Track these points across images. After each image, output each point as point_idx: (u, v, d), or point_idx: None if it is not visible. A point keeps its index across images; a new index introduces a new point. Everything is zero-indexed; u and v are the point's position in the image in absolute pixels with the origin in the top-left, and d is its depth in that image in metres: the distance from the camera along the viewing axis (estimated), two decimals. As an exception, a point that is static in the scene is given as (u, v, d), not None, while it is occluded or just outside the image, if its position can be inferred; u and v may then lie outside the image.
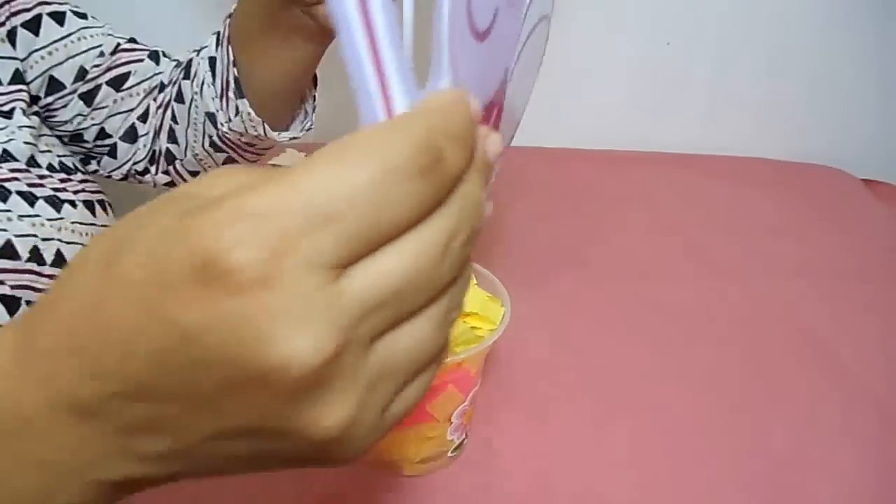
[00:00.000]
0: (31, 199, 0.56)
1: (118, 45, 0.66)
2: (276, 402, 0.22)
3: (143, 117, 0.68)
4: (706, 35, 1.00)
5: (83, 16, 0.64)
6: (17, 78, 0.60)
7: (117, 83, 0.66)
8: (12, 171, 0.56)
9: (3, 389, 0.25)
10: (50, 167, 0.60)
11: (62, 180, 0.60)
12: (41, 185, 0.58)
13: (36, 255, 0.54)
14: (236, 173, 0.24)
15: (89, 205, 0.61)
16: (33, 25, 0.61)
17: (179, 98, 0.65)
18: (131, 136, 0.68)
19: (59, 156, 0.62)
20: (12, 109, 0.59)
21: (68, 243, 0.58)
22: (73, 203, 0.59)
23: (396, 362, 0.24)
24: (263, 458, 0.25)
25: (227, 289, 0.21)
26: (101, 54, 0.65)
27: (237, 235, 0.21)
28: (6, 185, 0.55)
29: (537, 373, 0.66)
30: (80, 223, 0.60)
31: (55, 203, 0.58)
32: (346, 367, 0.22)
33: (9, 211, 0.54)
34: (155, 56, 0.69)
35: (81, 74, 0.64)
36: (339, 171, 0.22)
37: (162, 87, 0.68)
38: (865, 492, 0.56)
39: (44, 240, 0.55)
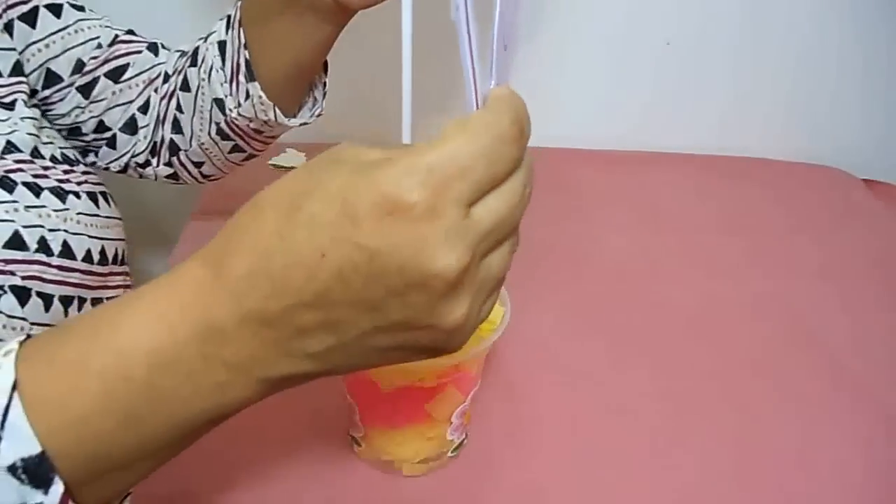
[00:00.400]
0: (36, 189, 0.56)
1: (116, 36, 0.66)
2: (429, 300, 0.31)
3: (144, 108, 0.67)
4: (706, 35, 1.00)
5: (80, 8, 0.64)
6: (17, 69, 0.60)
7: (115, 75, 0.65)
8: (17, 161, 0.56)
9: (201, 307, 0.32)
10: (53, 158, 0.60)
11: (65, 171, 0.60)
12: (45, 177, 0.57)
13: (43, 246, 0.54)
14: (364, 149, 0.33)
15: (93, 196, 0.61)
16: (30, 18, 0.60)
17: (185, 86, 0.64)
18: (131, 127, 0.67)
19: (60, 147, 0.62)
20: (14, 101, 0.58)
21: (74, 234, 0.57)
22: (77, 194, 0.59)
23: (489, 276, 0.33)
24: (404, 348, 0.34)
25: (407, 219, 0.29)
26: (99, 46, 0.64)
27: (413, 182, 0.29)
28: (12, 175, 0.55)
29: (538, 373, 0.66)
30: (85, 214, 0.60)
31: (60, 194, 0.58)
32: (470, 275, 0.31)
33: (15, 202, 0.54)
34: (154, 48, 0.68)
35: (79, 67, 0.63)
36: (469, 139, 0.31)
37: (166, 77, 0.67)
38: (867, 492, 0.57)
39: (50, 230, 0.55)
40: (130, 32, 0.67)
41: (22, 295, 0.52)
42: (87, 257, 0.59)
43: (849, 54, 1.01)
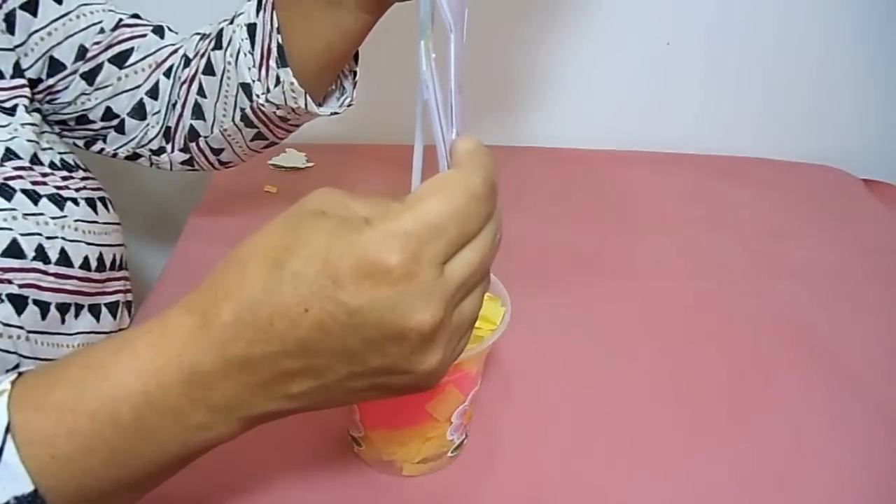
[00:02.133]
0: (34, 197, 0.56)
1: (120, 20, 0.65)
2: (405, 351, 0.34)
3: (153, 93, 0.66)
4: (706, 35, 1.00)
5: None
6: (18, 71, 0.59)
7: (120, 60, 0.64)
8: (16, 169, 0.56)
9: (188, 353, 0.34)
10: (52, 165, 0.60)
11: (64, 178, 0.60)
12: (44, 184, 0.57)
13: (41, 254, 0.54)
14: (345, 201, 0.36)
15: (91, 202, 0.61)
16: (31, 6, 0.60)
17: (209, 70, 0.63)
18: (140, 112, 0.66)
19: (59, 153, 0.62)
20: (15, 106, 0.58)
21: (72, 241, 0.57)
22: (75, 201, 0.59)
23: (462, 321, 0.36)
24: (380, 389, 0.36)
25: (386, 281, 0.32)
26: (102, 31, 0.63)
27: (392, 247, 0.32)
28: (11, 183, 0.55)
29: (538, 373, 0.66)
30: (83, 221, 0.59)
31: (58, 201, 0.58)
32: (444, 327, 0.34)
33: (14, 209, 0.54)
34: (159, 30, 0.67)
35: (81, 53, 0.62)
36: (443, 200, 0.33)
37: (186, 60, 0.65)
38: (864, 492, 0.57)
39: (48, 238, 0.55)
40: (135, 16, 0.66)
41: (18, 303, 0.53)
42: (85, 264, 0.59)
43: (849, 54, 1.01)
